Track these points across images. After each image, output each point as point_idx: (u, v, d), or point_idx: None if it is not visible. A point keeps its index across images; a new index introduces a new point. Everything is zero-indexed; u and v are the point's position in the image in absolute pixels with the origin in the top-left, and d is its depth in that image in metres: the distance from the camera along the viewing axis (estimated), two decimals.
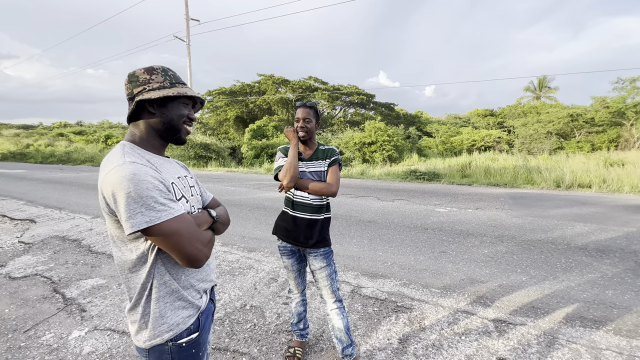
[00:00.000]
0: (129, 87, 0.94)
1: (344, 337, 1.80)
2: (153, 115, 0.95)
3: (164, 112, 0.96)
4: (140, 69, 0.95)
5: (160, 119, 0.96)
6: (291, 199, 1.79)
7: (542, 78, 28.74)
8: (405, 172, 11.58)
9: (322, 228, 1.80)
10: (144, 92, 0.92)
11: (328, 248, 1.83)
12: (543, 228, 4.63)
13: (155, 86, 0.94)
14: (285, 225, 1.82)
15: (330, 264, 1.81)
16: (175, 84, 0.97)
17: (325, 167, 1.78)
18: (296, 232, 1.78)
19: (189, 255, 0.87)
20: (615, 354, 1.94)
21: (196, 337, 0.98)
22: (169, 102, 0.96)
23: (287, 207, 1.83)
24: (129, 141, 0.95)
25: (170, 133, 1.00)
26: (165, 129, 0.98)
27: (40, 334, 2.23)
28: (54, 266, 3.44)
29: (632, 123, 17.58)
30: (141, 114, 0.96)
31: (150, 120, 0.96)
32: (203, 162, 17.49)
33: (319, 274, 1.81)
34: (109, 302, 2.65)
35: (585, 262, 3.38)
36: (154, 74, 0.95)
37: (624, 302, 2.55)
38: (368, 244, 4.07)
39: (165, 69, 0.98)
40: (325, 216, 1.81)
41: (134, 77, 0.94)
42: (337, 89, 22.69)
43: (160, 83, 0.95)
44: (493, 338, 2.12)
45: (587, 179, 8.83)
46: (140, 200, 0.80)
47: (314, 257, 1.81)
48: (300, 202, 1.77)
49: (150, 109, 0.94)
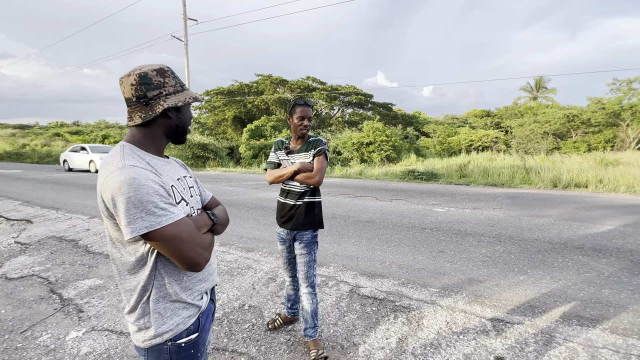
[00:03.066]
0: (139, 88, 0.89)
1: (309, 318, 2.00)
2: (169, 120, 0.95)
3: (179, 117, 0.98)
4: (152, 70, 0.91)
5: (176, 123, 0.97)
6: (284, 188, 2.01)
7: (539, 78, 28.89)
8: (403, 172, 11.61)
9: (306, 211, 1.95)
10: (162, 97, 0.91)
11: (312, 232, 1.98)
12: (540, 227, 4.65)
13: (170, 90, 0.93)
14: (279, 211, 2.04)
15: (311, 252, 1.98)
16: (183, 87, 0.98)
17: (310, 157, 1.92)
18: (286, 216, 1.98)
19: (189, 259, 0.87)
20: (611, 352, 1.95)
21: (195, 338, 0.98)
22: (184, 106, 0.98)
23: (280, 195, 2.05)
24: (129, 142, 0.93)
25: (179, 135, 1.01)
26: (178, 131, 1.00)
27: (37, 334, 2.21)
28: (51, 267, 3.41)
29: (627, 124, 17.71)
30: (156, 118, 0.94)
31: (165, 122, 0.95)
32: (201, 162, 17.45)
33: (299, 258, 2.00)
34: (106, 303, 2.64)
35: (582, 261, 3.40)
36: (167, 77, 0.93)
37: (620, 301, 2.57)
38: (366, 243, 4.07)
39: (171, 70, 0.97)
40: (307, 200, 1.96)
41: (147, 79, 0.89)
42: (335, 89, 22.72)
43: (173, 87, 0.94)
44: (491, 337, 2.13)
45: (584, 178, 8.89)
46: (141, 205, 0.79)
47: (299, 243, 1.99)
48: (287, 189, 1.99)
49: (169, 114, 0.94)
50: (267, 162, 2.04)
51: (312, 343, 1.99)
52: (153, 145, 0.97)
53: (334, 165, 14.74)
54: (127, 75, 0.90)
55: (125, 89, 0.90)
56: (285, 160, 1.98)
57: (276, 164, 2.00)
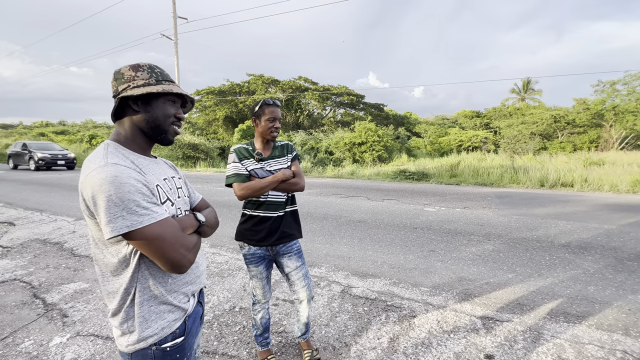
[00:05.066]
0: (114, 84, 0.92)
1: (306, 326, 1.91)
2: (137, 113, 0.92)
3: (148, 110, 0.93)
4: (126, 66, 0.92)
5: (144, 117, 0.93)
6: (257, 200, 1.73)
7: (527, 80, 29.51)
8: (395, 172, 11.69)
9: (293, 220, 1.82)
10: (128, 90, 0.90)
11: (297, 242, 1.85)
12: (528, 226, 4.74)
13: (139, 83, 0.91)
14: (253, 228, 1.74)
15: (304, 262, 1.85)
16: (161, 82, 0.94)
17: (288, 163, 1.79)
18: (264, 231, 1.72)
19: (172, 260, 0.84)
20: (597, 348, 1.99)
21: (181, 342, 0.95)
22: (153, 99, 0.93)
23: (251, 209, 1.76)
24: (113, 140, 0.92)
25: (156, 132, 0.96)
26: (150, 127, 0.94)
27: (18, 341, 2.14)
28: (34, 270, 3.31)
29: (611, 124, 18.25)
30: (125, 111, 0.93)
31: (133, 118, 0.92)
32: (191, 162, 17.22)
33: (296, 274, 1.80)
34: (92, 307, 2.57)
35: (568, 259, 3.48)
36: (140, 71, 0.92)
37: (605, 297, 2.63)
38: (358, 243, 4.08)
39: (152, 66, 0.95)
40: (290, 209, 1.82)
41: (119, 75, 0.92)
42: (327, 89, 22.73)
43: (145, 80, 0.91)
44: (481, 335, 2.15)
45: (570, 178, 9.11)
46: (122, 203, 0.77)
47: (289, 257, 1.79)
48: (263, 201, 1.73)
49: (134, 106, 0.91)
50: (234, 175, 1.69)
51: (305, 344, 1.96)
52: (135, 142, 0.95)
53: (326, 166, 14.75)
54: None
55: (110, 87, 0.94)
56: (259, 169, 1.72)
57: (246, 176, 1.69)
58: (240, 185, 1.67)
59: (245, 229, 1.76)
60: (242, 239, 1.77)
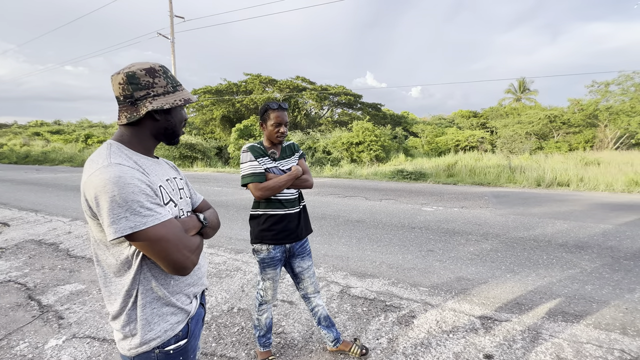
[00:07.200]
0: (127, 88, 0.86)
1: (331, 322, 1.94)
2: (157, 121, 0.92)
3: (168, 119, 0.94)
4: (141, 70, 0.87)
5: (164, 125, 0.93)
6: (275, 198, 1.73)
7: (522, 80, 29.68)
8: (393, 171, 11.70)
9: (305, 216, 1.88)
10: (149, 99, 0.87)
11: (309, 242, 1.92)
12: (525, 226, 4.76)
13: (160, 91, 0.89)
14: (273, 227, 1.72)
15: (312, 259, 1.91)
16: (177, 88, 0.93)
17: (296, 161, 1.84)
18: (288, 229, 1.75)
19: (175, 262, 0.83)
20: (595, 347, 2.00)
21: (184, 344, 0.94)
22: (173, 108, 0.93)
23: (266, 209, 1.74)
24: (117, 140, 0.90)
25: (170, 137, 0.98)
26: (167, 134, 0.96)
27: (13, 344, 2.11)
28: (29, 272, 3.27)
29: (605, 124, 18.40)
30: (142, 119, 0.90)
31: (152, 125, 0.92)
32: (188, 162, 17.14)
33: (307, 273, 1.87)
34: (88, 309, 2.54)
35: (565, 258, 3.49)
36: (157, 77, 0.89)
37: (603, 297, 2.65)
38: (356, 243, 4.07)
39: (165, 69, 0.92)
40: (304, 204, 1.90)
41: (134, 79, 0.86)
42: (324, 89, 22.71)
43: (163, 87, 0.90)
44: (480, 335, 2.15)
45: (566, 177, 9.18)
46: (125, 204, 0.76)
47: (302, 257, 1.84)
48: (280, 198, 1.74)
49: (156, 116, 0.90)
50: (251, 175, 1.67)
51: (343, 345, 1.98)
52: (141, 144, 0.93)
53: (324, 165, 14.73)
54: (117, 73, 0.88)
55: (114, 87, 0.88)
56: (274, 167, 1.74)
57: (263, 175, 1.69)
58: (257, 186, 1.66)
59: (265, 229, 1.73)
60: (263, 241, 1.73)
